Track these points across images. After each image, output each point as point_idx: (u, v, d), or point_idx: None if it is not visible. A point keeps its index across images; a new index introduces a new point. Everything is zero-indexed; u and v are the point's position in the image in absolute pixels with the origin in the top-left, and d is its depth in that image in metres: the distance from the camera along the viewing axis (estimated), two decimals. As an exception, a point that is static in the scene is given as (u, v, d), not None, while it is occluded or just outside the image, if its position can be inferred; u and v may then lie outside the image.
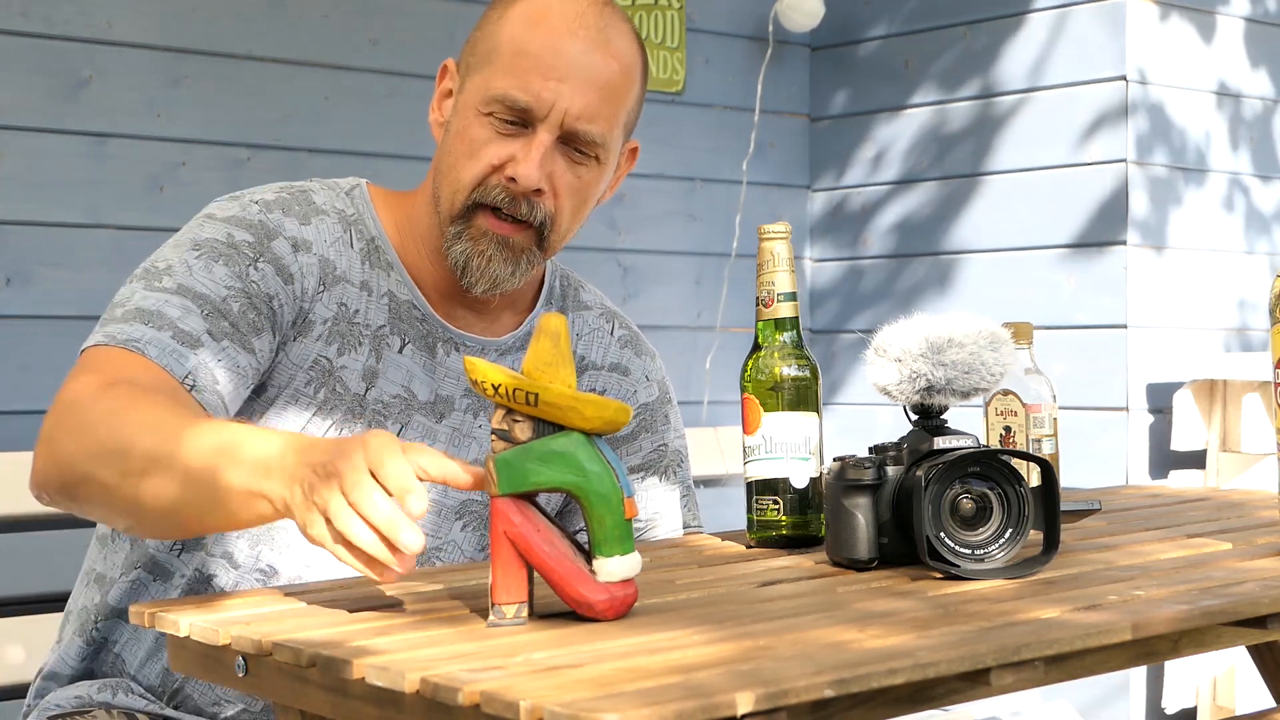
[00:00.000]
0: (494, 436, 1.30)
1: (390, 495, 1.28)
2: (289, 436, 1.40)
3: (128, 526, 1.58)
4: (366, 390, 1.75)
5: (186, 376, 1.61)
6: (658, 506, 1.92)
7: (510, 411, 1.30)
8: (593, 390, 1.90)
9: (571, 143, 1.75)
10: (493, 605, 1.30)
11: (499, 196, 1.73)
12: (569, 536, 1.35)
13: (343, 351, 1.74)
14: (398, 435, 1.72)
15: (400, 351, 1.78)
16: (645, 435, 1.93)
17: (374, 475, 1.29)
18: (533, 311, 1.89)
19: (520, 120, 1.73)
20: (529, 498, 1.31)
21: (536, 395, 1.28)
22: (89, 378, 1.57)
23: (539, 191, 1.74)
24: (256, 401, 1.72)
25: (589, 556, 1.31)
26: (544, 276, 1.91)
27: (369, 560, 1.30)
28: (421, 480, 1.30)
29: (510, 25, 1.75)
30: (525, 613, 1.30)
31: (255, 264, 1.69)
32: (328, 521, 1.30)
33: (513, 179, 1.72)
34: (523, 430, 1.30)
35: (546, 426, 1.30)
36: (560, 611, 1.33)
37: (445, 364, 1.80)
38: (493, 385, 1.29)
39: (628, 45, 1.78)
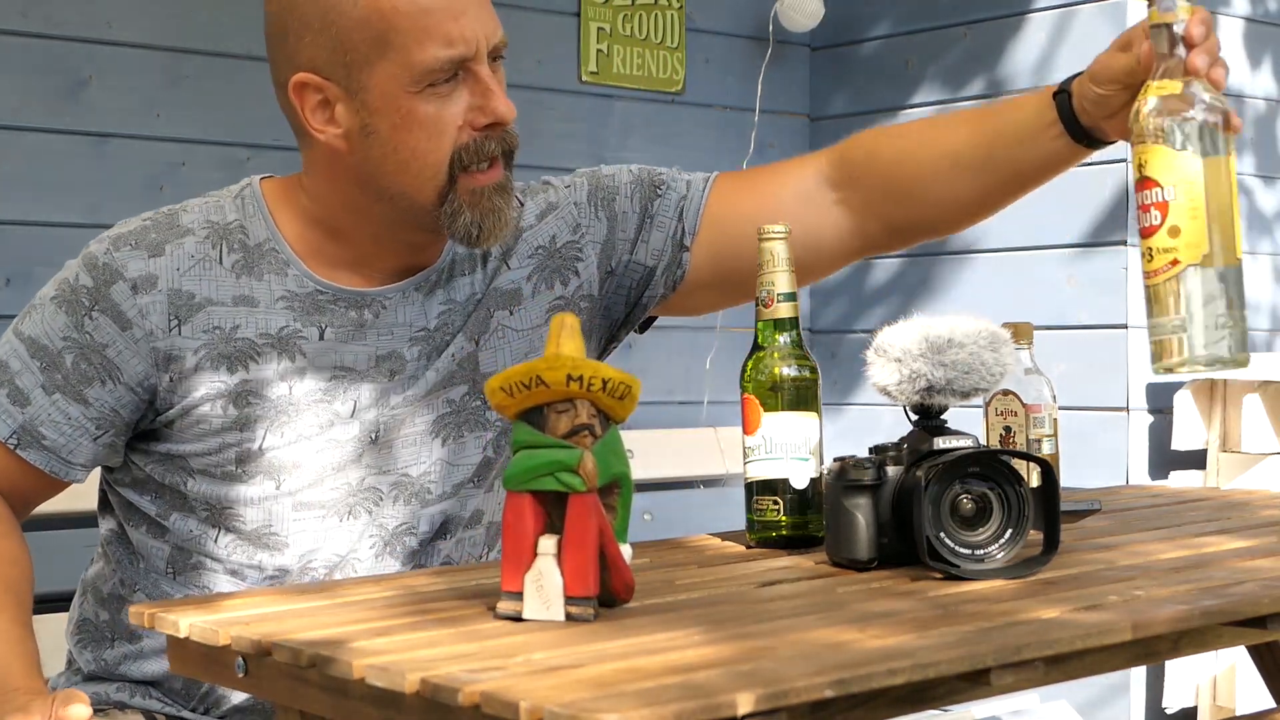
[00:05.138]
0: (585, 433, 1.30)
1: None
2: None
3: None
4: (292, 389, 1.73)
5: (10, 437, 1.72)
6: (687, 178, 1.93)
7: (594, 405, 1.31)
8: (540, 248, 1.86)
9: (492, 58, 1.71)
10: (581, 599, 1.30)
11: (488, 149, 1.70)
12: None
13: (234, 369, 1.72)
14: (351, 411, 1.74)
15: (322, 338, 1.75)
16: (623, 189, 1.90)
17: None
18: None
19: (453, 72, 1.68)
20: None
21: (629, 387, 1.30)
22: None
23: None
24: (170, 430, 1.74)
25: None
26: None
27: None
28: None
29: (381, 2, 1.66)
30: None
31: (90, 314, 1.71)
32: None
33: (493, 123, 1.69)
34: (602, 423, 1.31)
35: (607, 419, 1.32)
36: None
37: (376, 324, 1.77)
38: (601, 380, 1.30)
39: None
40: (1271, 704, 2.10)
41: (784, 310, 1.71)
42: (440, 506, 1.78)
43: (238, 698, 1.75)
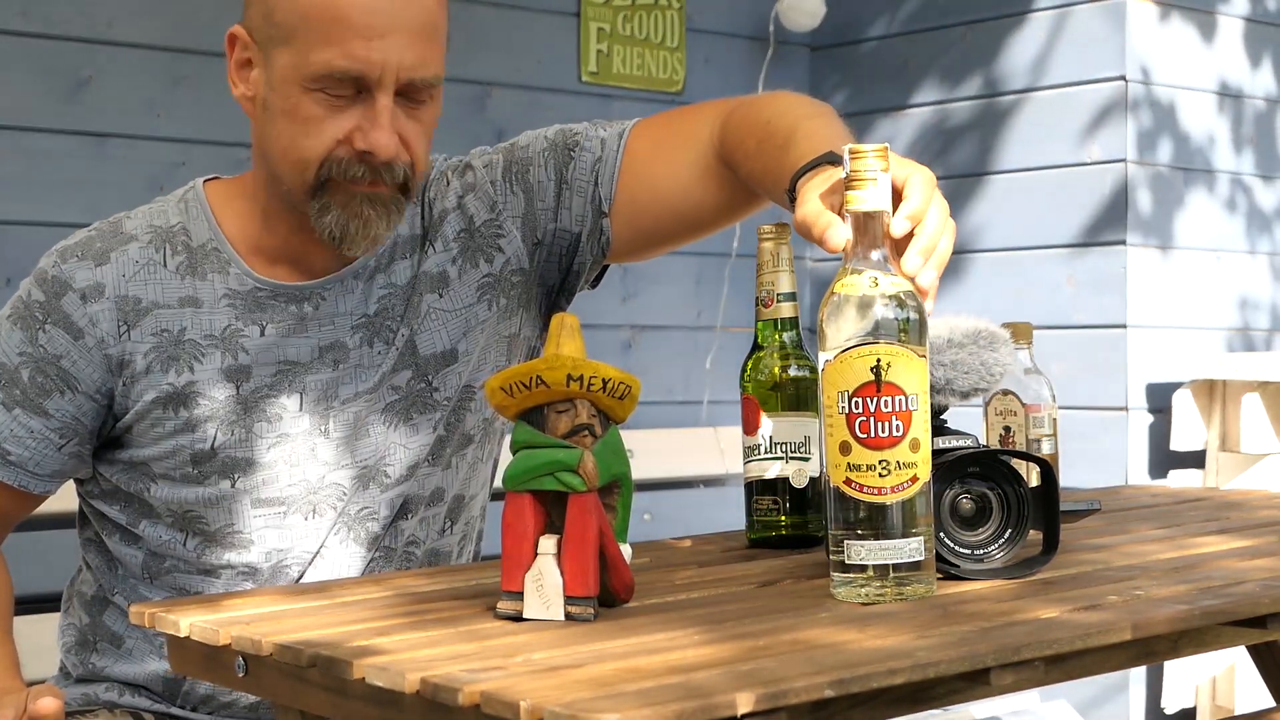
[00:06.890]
0: (585, 433, 1.31)
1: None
2: None
3: None
4: (239, 388, 1.74)
5: None
6: (599, 133, 1.88)
7: (594, 405, 1.31)
8: (463, 230, 1.84)
9: (408, 93, 1.69)
10: (581, 599, 1.30)
11: (356, 173, 1.68)
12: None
13: (181, 371, 1.74)
14: (299, 405, 1.76)
15: (263, 335, 1.76)
16: (536, 159, 1.87)
17: None
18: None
19: (352, 87, 1.67)
20: None
21: (629, 387, 1.31)
22: None
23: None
24: (130, 435, 1.76)
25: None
26: None
27: None
28: None
29: None
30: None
31: (44, 327, 1.74)
32: None
33: (366, 151, 1.67)
34: (602, 423, 1.32)
35: (607, 419, 1.32)
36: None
37: (317, 316, 1.78)
38: (602, 380, 1.30)
39: None
40: (1271, 704, 2.10)
41: (784, 310, 1.71)
42: (399, 489, 1.79)
43: (224, 693, 1.76)
